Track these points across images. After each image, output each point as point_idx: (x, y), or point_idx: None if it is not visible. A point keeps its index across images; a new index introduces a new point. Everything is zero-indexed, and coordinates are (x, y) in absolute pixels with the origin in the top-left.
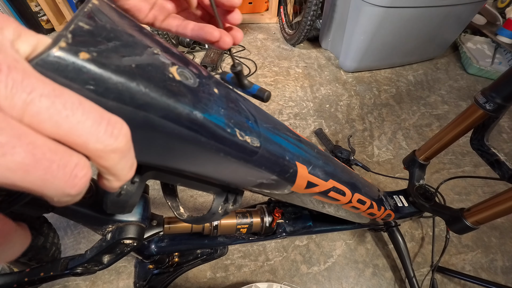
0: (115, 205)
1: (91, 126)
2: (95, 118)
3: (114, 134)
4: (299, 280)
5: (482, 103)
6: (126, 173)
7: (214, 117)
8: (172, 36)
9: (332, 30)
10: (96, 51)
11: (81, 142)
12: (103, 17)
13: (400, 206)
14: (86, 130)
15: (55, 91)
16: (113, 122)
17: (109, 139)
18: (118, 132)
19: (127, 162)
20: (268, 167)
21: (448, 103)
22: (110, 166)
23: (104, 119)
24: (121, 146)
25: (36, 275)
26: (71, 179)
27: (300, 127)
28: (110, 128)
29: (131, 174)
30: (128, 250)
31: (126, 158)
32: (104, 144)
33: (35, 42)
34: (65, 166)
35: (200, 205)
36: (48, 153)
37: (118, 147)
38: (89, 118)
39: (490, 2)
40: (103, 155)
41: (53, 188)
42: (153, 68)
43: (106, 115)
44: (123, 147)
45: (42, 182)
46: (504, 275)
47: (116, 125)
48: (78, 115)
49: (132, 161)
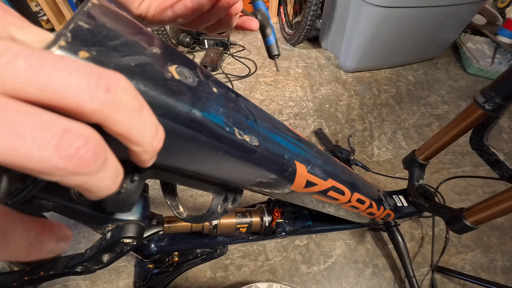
0: (115, 203)
1: (79, 82)
2: (84, 73)
3: (111, 89)
4: (299, 280)
5: (482, 103)
6: (149, 139)
7: (213, 116)
8: (172, 36)
9: (332, 30)
10: (96, 50)
11: (73, 104)
12: (102, 16)
13: (399, 206)
14: (74, 88)
15: (32, 50)
16: (107, 76)
17: (104, 95)
18: (115, 85)
19: (144, 123)
20: (267, 166)
21: (448, 103)
22: (122, 131)
23: (94, 73)
24: (122, 101)
25: (36, 274)
26: (62, 149)
27: (300, 127)
28: (103, 83)
29: (157, 141)
30: (128, 249)
31: (140, 119)
32: (99, 101)
33: (39, 36)
34: (45, 131)
35: (200, 204)
36: (12, 114)
37: (118, 103)
38: (75, 73)
39: (490, 2)
40: (105, 117)
41: (36, 161)
42: (152, 67)
43: (96, 70)
44: (125, 103)
45: (12, 152)
46: (504, 275)
47: (111, 80)
48: (60, 72)
49: (152, 123)
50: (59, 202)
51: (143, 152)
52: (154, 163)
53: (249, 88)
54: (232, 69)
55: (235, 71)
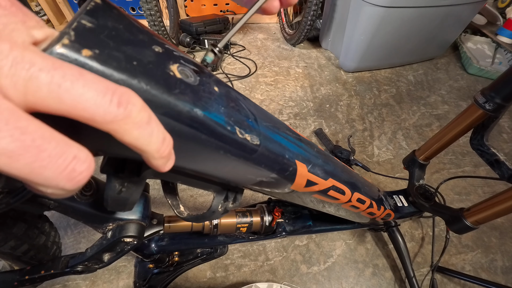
0: (116, 202)
1: (95, 97)
2: (99, 88)
3: (122, 104)
4: (299, 280)
5: (482, 103)
6: (155, 146)
7: (214, 115)
8: (172, 36)
9: (332, 30)
10: (98, 49)
11: (88, 116)
12: (105, 15)
13: (400, 206)
14: (90, 102)
15: (54, 64)
16: (119, 92)
17: (116, 109)
18: (126, 101)
19: (151, 133)
20: (267, 165)
21: (448, 103)
22: (132, 141)
23: (110, 89)
24: (132, 115)
25: (37, 273)
26: (67, 172)
27: (300, 127)
28: (116, 98)
29: (165, 149)
30: (128, 248)
31: (146, 130)
32: (112, 115)
33: (49, 32)
34: (59, 156)
35: (200, 204)
36: (39, 140)
37: (129, 117)
38: (92, 89)
39: (490, 2)
40: (117, 128)
41: (43, 178)
42: (154, 66)
43: (111, 86)
44: (134, 117)
45: (30, 170)
46: (504, 275)
47: (123, 95)
48: (79, 87)
49: (158, 133)
50: (60, 201)
51: (151, 158)
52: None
53: (249, 88)
54: (232, 69)
55: (235, 71)
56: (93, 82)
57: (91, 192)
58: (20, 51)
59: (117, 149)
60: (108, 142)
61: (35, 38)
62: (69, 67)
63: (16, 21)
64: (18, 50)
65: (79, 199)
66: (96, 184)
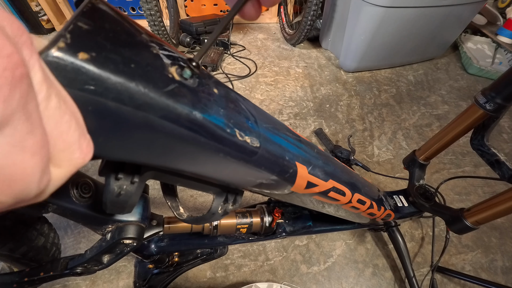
0: (115, 205)
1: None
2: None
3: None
4: (299, 280)
5: (482, 103)
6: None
7: (213, 117)
8: (172, 36)
9: (332, 30)
10: (95, 51)
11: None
12: (102, 17)
13: (400, 206)
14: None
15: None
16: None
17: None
18: None
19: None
20: (267, 167)
21: (448, 103)
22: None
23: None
24: None
25: (36, 275)
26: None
27: (300, 127)
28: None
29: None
30: (128, 250)
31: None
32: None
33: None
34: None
35: (200, 205)
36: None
37: None
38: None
39: (490, 2)
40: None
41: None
42: (152, 68)
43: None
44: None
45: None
46: (504, 275)
47: None
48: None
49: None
50: (59, 203)
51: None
52: (154, 164)
53: (249, 88)
54: (232, 69)
55: (235, 71)
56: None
57: (90, 194)
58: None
59: (116, 153)
60: (108, 145)
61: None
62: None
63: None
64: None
65: (78, 201)
66: (95, 186)
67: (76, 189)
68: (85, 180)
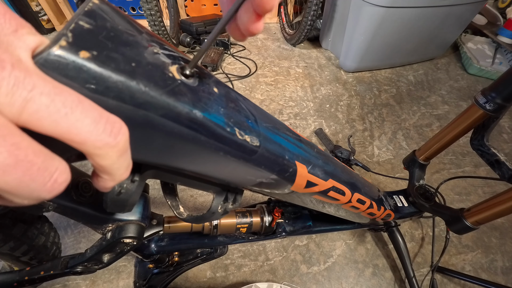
0: (115, 204)
1: (90, 124)
2: (94, 116)
3: (113, 133)
4: (299, 280)
5: (482, 103)
6: (121, 173)
7: (213, 116)
8: (173, 36)
9: (332, 30)
10: (96, 50)
11: (79, 140)
12: (103, 16)
13: (400, 206)
14: (84, 128)
15: (55, 89)
16: (112, 121)
17: (107, 137)
18: (117, 130)
19: (124, 162)
20: (267, 166)
21: (449, 103)
22: (107, 165)
23: (103, 117)
24: (120, 144)
25: (36, 274)
26: (50, 183)
27: (300, 127)
28: (109, 127)
29: (126, 174)
30: (128, 249)
31: (123, 158)
32: (103, 142)
33: (39, 41)
34: (45, 169)
35: (200, 204)
36: (31, 155)
37: (117, 146)
38: (88, 116)
39: (490, 2)
40: (101, 153)
41: (28, 190)
42: (153, 67)
43: (105, 114)
44: (121, 146)
45: (19, 183)
46: (504, 275)
47: (115, 124)
48: (77, 113)
49: (128, 161)
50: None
51: (111, 181)
52: (155, 163)
53: (249, 88)
54: (233, 69)
55: (235, 71)
56: (90, 110)
57: (91, 193)
58: (22, 71)
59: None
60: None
61: (31, 47)
62: (69, 92)
63: (11, 31)
64: (20, 70)
65: (79, 200)
66: None
67: (77, 188)
68: (85, 179)
